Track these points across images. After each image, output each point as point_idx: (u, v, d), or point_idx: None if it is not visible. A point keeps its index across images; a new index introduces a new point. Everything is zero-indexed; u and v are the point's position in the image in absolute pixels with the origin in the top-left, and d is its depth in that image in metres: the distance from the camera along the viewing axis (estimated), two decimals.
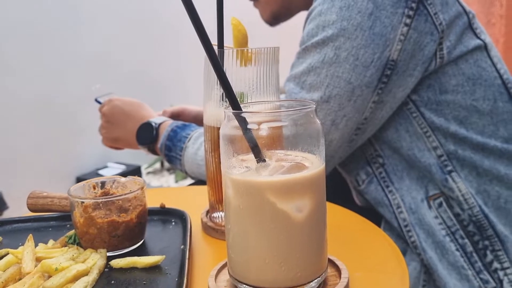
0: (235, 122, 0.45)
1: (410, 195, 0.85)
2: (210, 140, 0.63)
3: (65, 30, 2.31)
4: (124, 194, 0.58)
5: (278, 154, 0.46)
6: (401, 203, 0.86)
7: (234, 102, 0.46)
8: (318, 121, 0.46)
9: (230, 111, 0.45)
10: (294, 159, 0.46)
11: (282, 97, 0.86)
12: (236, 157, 0.47)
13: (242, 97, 0.60)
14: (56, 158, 2.37)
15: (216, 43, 0.60)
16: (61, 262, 0.50)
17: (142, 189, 0.60)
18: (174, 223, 0.66)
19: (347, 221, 0.69)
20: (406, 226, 0.85)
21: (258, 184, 0.44)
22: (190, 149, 0.90)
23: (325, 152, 0.48)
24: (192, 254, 0.59)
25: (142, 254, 0.57)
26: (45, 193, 0.65)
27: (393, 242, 0.61)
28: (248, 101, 0.60)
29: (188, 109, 1.23)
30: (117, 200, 0.58)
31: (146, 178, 2.75)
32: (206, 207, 0.70)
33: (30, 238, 0.55)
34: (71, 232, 0.60)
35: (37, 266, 0.51)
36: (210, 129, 0.63)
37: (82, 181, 0.62)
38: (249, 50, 0.59)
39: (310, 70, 0.80)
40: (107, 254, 0.56)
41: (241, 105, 0.46)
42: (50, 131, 2.31)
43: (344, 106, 0.79)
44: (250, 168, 0.45)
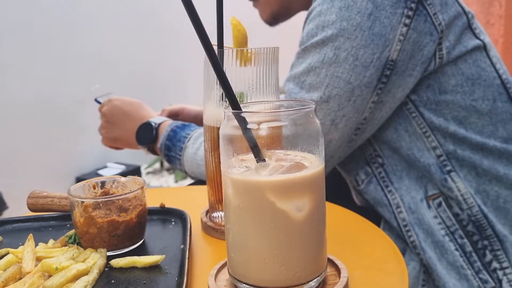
0: (235, 122, 0.45)
1: (409, 195, 0.85)
2: (210, 140, 0.63)
3: (65, 30, 2.31)
4: (124, 194, 0.58)
5: (277, 153, 0.46)
6: (400, 203, 0.86)
7: (234, 102, 0.46)
8: (317, 121, 0.46)
9: (230, 111, 0.45)
10: (294, 159, 0.46)
11: (281, 97, 0.87)
12: (236, 156, 0.47)
13: (241, 97, 0.60)
14: (55, 158, 2.37)
15: (215, 43, 0.60)
16: (61, 262, 0.51)
17: (142, 188, 0.60)
18: (174, 223, 0.66)
19: (347, 220, 0.70)
20: (405, 226, 0.85)
21: (257, 183, 0.44)
22: (190, 149, 0.90)
23: (324, 152, 0.48)
24: (192, 253, 0.59)
25: (142, 253, 0.57)
26: (45, 192, 0.65)
27: (392, 241, 0.61)
28: (247, 101, 0.60)
29: (187, 108, 1.23)
30: (117, 199, 0.58)
31: (145, 178, 2.74)
32: (205, 207, 0.70)
33: (30, 237, 0.55)
34: (71, 231, 0.60)
35: (37, 265, 0.51)
36: (210, 129, 0.63)
37: (81, 181, 0.62)
38: (248, 50, 0.60)
39: (309, 70, 0.80)
40: (107, 253, 0.56)
41: (240, 105, 0.46)
42: (49, 131, 2.31)
43: (343, 106, 0.79)
44: (250, 167, 0.45)
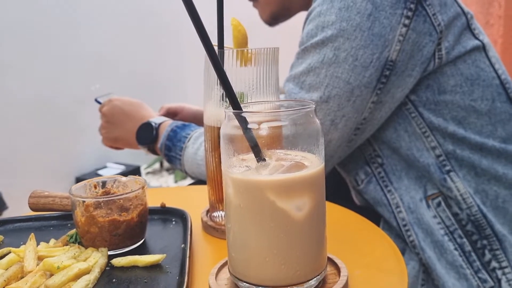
0: (236, 122, 0.45)
1: (408, 195, 0.85)
2: (210, 139, 0.64)
3: (65, 30, 2.31)
4: (125, 194, 0.59)
5: (278, 153, 0.47)
6: (400, 203, 0.86)
7: (235, 102, 0.46)
8: (317, 121, 0.46)
9: (231, 111, 0.46)
10: (294, 159, 0.46)
11: (281, 97, 0.87)
12: (236, 156, 0.47)
13: (242, 97, 0.60)
14: (55, 158, 2.37)
15: (216, 44, 0.60)
16: (62, 261, 0.51)
17: (143, 188, 0.61)
18: (174, 222, 0.67)
19: (347, 220, 0.70)
20: (405, 226, 0.85)
21: (258, 183, 0.44)
22: (190, 149, 0.90)
23: (324, 151, 0.48)
24: (192, 253, 0.60)
25: (143, 253, 0.57)
26: (46, 192, 0.65)
27: (392, 241, 0.61)
28: (248, 101, 0.60)
29: (187, 107, 1.23)
30: (118, 199, 0.58)
31: (145, 178, 2.74)
32: (206, 207, 0.70)
33: (32, 237, 0.55)
34: (73, 231, 0.61)
35: (39, 264, 0.51)
36: (210, 128, 0.63)
37: (81, 181, 0.62)
38: (249, 50, 0.60)
39: (309, 71, 0.80)
40: (108, 252, 0.56)
41: (241, 105, 0.47)
42: (49, 131, 2.31)
43: (343, 106, 0.79)
44: (250, 167, 0.46)
